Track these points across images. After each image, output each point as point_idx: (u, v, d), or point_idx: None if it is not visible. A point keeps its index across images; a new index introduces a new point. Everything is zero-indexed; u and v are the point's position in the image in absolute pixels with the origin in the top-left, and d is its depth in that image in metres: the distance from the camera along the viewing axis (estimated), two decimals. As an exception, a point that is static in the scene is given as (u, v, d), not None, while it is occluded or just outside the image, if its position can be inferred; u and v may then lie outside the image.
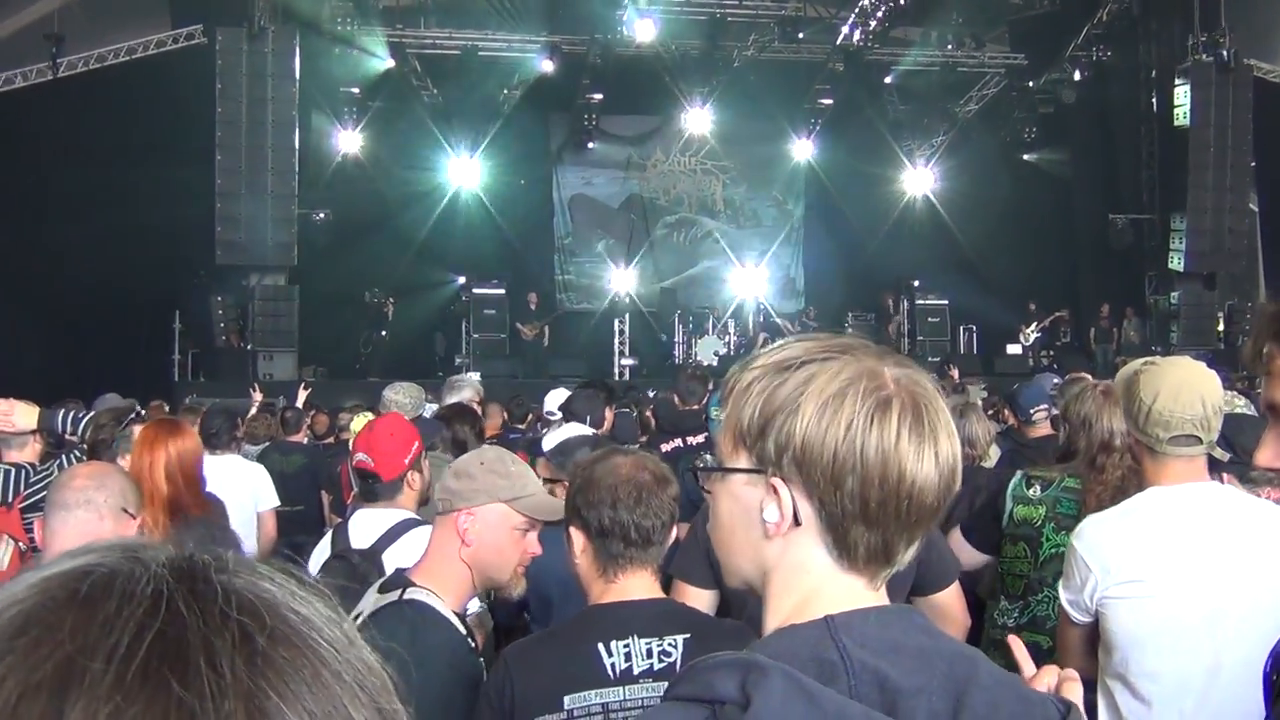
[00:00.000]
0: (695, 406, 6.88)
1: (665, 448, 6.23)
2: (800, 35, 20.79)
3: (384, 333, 19.75)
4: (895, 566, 1.32)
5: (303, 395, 11.16)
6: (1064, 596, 2.86)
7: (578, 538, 2.52)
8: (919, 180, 23.85)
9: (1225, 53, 19.67)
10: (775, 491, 1.29)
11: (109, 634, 0.60)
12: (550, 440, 4.69)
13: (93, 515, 2.87)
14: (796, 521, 1.29)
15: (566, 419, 5.57)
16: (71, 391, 8.54)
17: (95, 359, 15.63)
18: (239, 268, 17.88)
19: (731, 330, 21.63)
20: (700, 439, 6.38)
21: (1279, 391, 1.63)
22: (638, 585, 2.49)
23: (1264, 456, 1.67)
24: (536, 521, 2.73)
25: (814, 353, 1.31)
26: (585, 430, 4.98)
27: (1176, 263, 20.54)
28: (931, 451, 1.27)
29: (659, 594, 2.55)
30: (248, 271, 17.91)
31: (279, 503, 6.54)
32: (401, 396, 5.87)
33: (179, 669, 0.59)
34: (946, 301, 21.26)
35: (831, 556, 1.29)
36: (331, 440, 10.07)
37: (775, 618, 1.30)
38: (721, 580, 3.05)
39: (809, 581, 1.30)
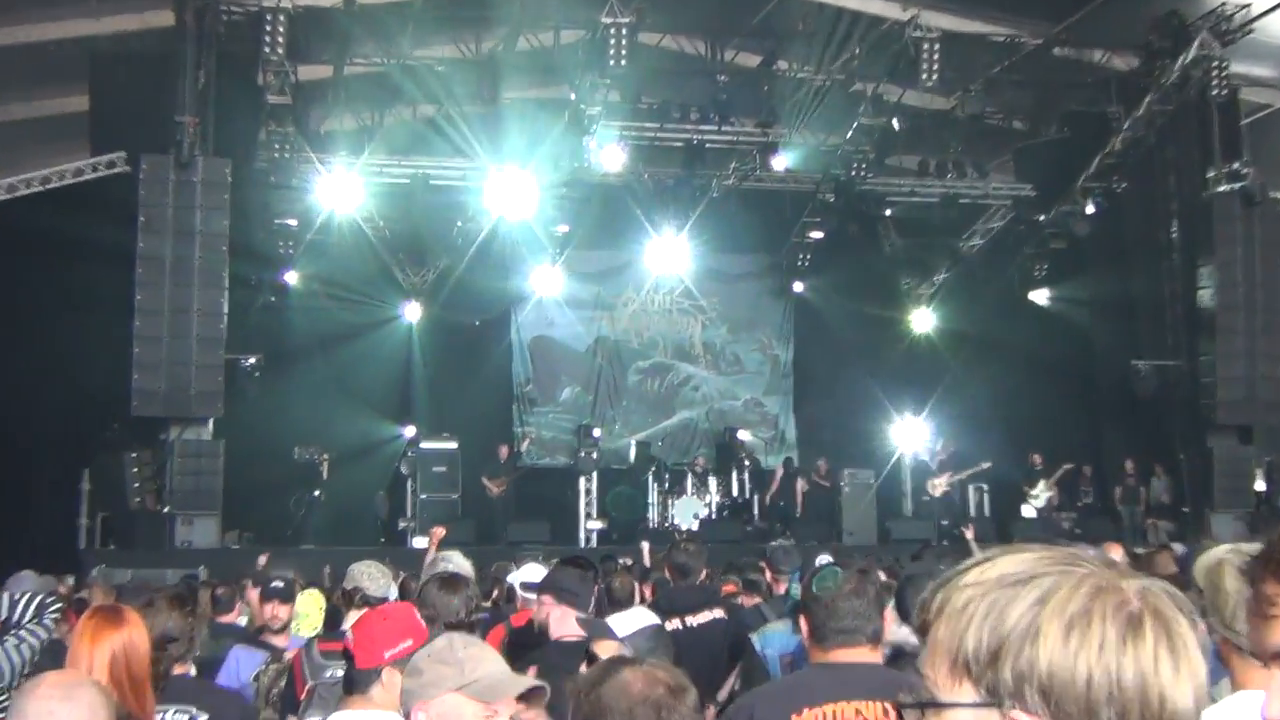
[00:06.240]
0: (696, 582, 7.19)
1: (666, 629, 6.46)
2: (786, 164, 21.74)
3: (318, 493, 20.05)
4: None
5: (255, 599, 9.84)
6: None
7: None
8: (920, 320, 24.85)
9: (1250, 185, 20.62)
10: None
11: None
12: (624, 625, 4.85)
13: None
14: None
15: (549, 597, 5.64)
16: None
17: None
18: (157, 420, 18.05)
19: (713, 490, 22.08)
20: (704, 618, 6.67)
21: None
22: None
23: (1274, 708, 1.67)
24: (500, 704, 2.97)
25: (1040, 566, 1.36)
26: (652, 618, 5.15)
27: (1208, 413, 21.08)
28: (1188, 672, 1.31)
29: None
30: (167, 424, 18.05)
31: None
32: (374, 570, 6.09)
33: None
34: (951, 453, 21.73)
35: None
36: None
37: None
38: None
39: None
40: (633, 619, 5.02)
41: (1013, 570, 1.36)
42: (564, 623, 5.14)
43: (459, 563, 7.03)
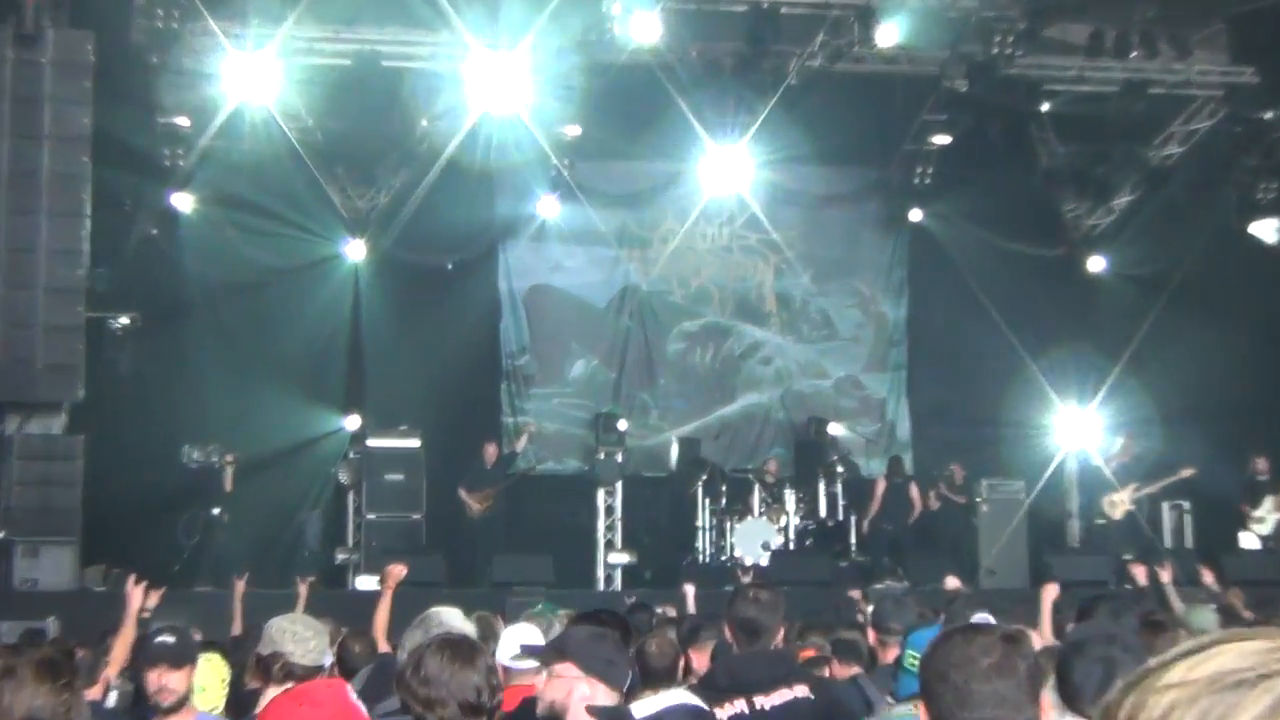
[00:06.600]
0: (771, 647, 7.13)
1: (723, 716, 6.42)
2: (896, 37, 21.51)
3: (219, 512, 20.14)
4: None
5: (138, 599, 9.27)
6: None
7: None
8: (1093, 264, 25.05)
9: None
10: None
11: None
12: (647, 705, 4.91)
13: None
14: None
15: (569, 668, 5.69)
16: None
17: None
18: (-11, 406, 18.23)
19: (791, 508, 22.08)
20: (781, 697, 6.59)
21: None
22: None
23: None
24: None
25: (1272, 661, 1.40)
26: (690, 698, 5.18)
27: None
28: None
29: None
30: (3, 412, 18.28)
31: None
32: (301, 629, 6.13)
33: None
34: (1135, 455, 21.64)
35: None
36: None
37: None
38: None
39: None
40: (660, 698, 4.95)
41: (1233, 666, 1.37)
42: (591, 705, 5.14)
43: (457, 625, 6.90)
